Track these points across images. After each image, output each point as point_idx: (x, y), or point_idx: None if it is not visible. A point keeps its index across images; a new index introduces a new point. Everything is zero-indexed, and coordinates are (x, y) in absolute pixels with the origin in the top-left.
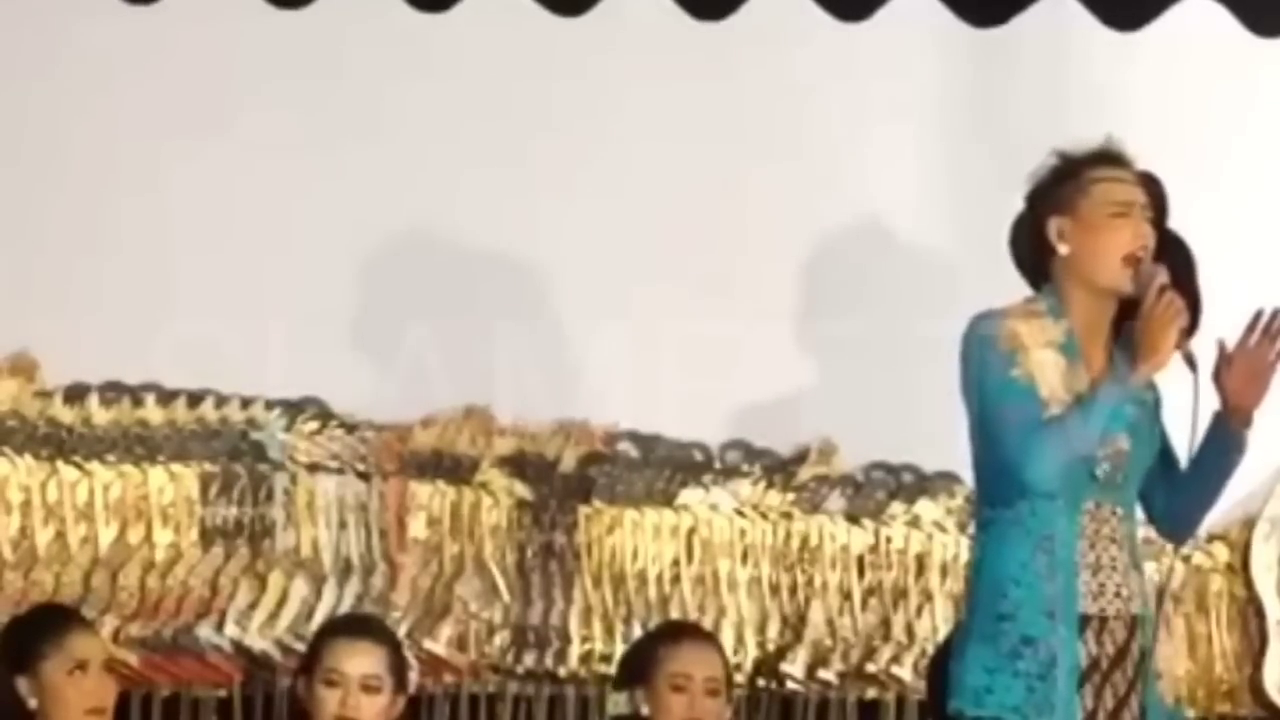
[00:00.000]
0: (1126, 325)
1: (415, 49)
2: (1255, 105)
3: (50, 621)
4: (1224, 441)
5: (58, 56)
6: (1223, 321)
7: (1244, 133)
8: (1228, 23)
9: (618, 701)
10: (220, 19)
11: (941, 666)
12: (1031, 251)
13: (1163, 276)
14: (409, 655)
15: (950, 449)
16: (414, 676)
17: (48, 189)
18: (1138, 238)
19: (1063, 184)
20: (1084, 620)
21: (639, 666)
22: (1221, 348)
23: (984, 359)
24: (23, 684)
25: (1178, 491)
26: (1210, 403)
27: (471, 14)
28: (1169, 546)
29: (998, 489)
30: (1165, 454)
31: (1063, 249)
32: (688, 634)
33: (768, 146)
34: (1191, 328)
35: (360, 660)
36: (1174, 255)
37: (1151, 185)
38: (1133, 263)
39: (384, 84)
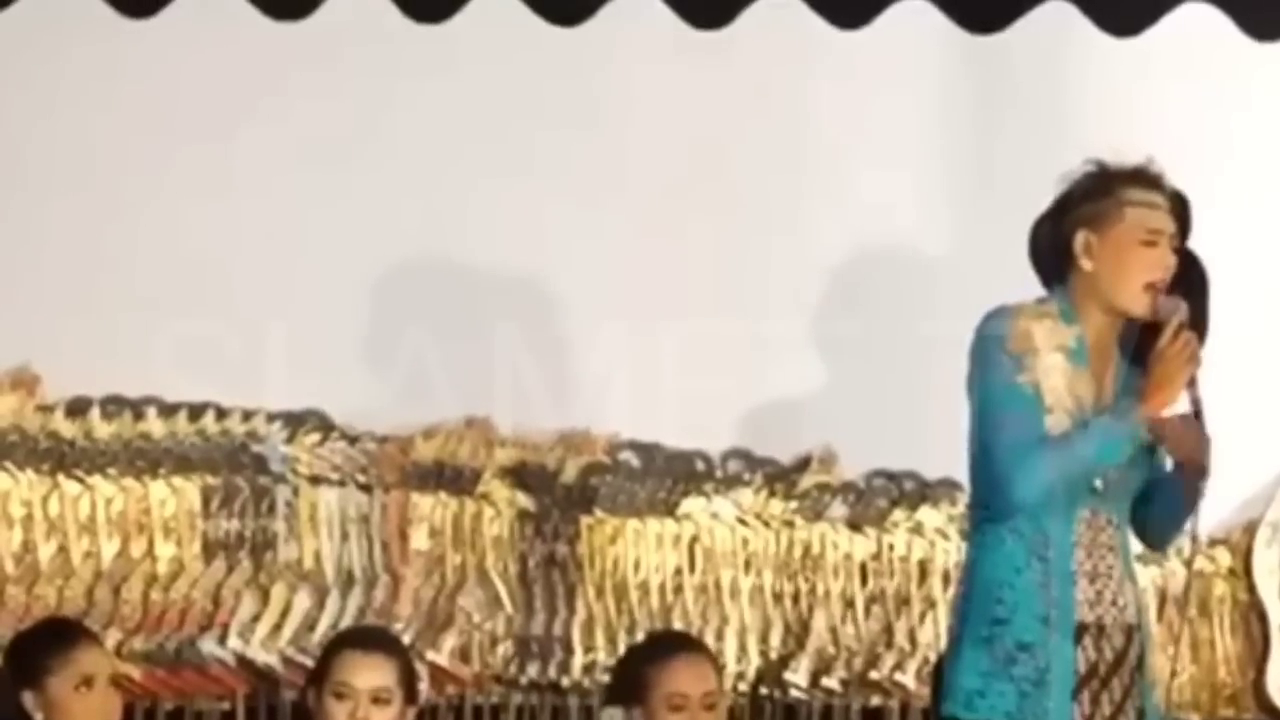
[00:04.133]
0: (1126, 326)
1: (413, 60)
2: (1253, 109)
3: (57, 636)
4: (1182, 485)
5: (56, 72)
6: (1221, 325)
7: (1242, 137)
8: (1225, 27)
9: (613, 716)
10: (220, 32)
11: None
12: (1052, 254)
13: (1182, 314)
14: (419, 667)
15: (952, 456)
16: (424, 688)
17: (48, 204)
18: (1161, 267)
19: (1097, 199)
20: (1082, 628)
21: (633, 685)
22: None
23: (993, 358)
24: (29, 698)
25: (1153, 504)
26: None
27: (469, 24)
28: (1172, 553)
29: (989, 496)
30: (1157, 464)
31: (1086, 264)
32: (680, 649)
33: (768, 153)
34: (1200, 338)
35: (371, 673)
36: (1189, 273)
37: (1180, 207)
38: (1151, 290)
39: (382, 96)
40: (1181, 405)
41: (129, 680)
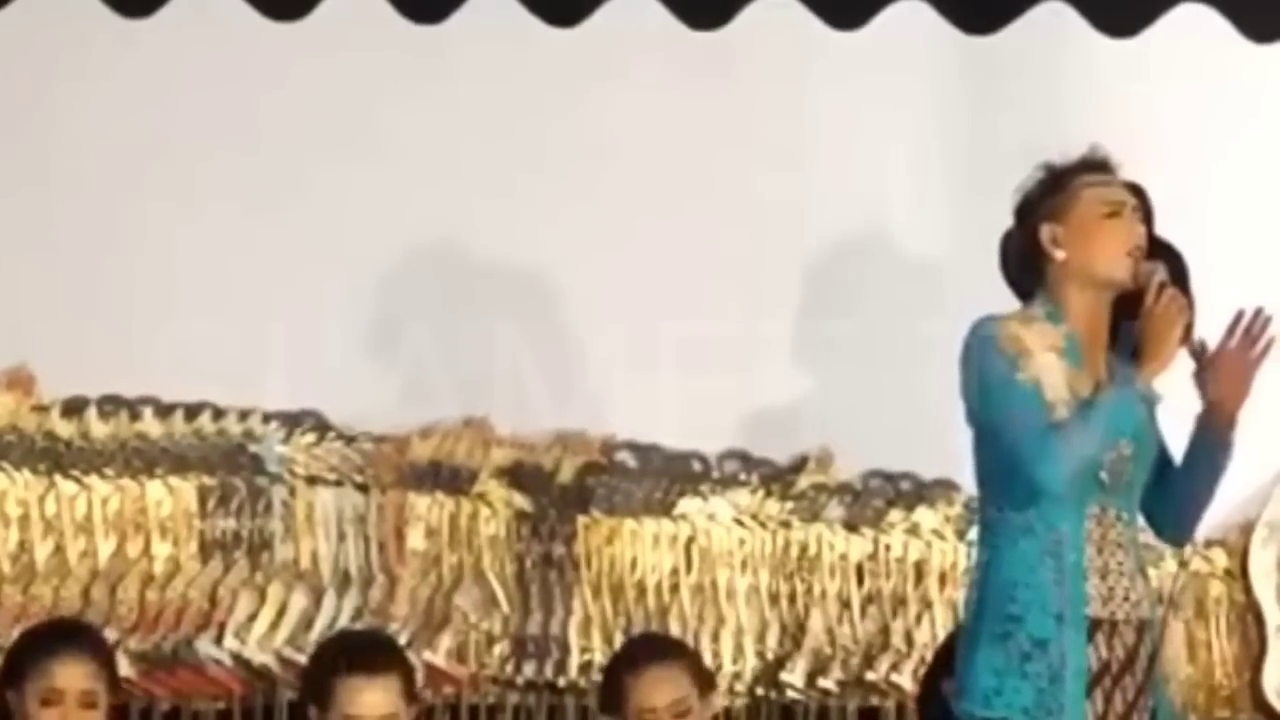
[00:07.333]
0: (1125, 325)
1: (411, 60)
2: (1251, 110)
3: (44, 642)
4: (1210, 443)
5: (54, 72)
6: (1220, 325)
7: (1240, 138)
8: (1222, 28)
9: None
10: (217, 32)
11: (934, 675)
12: (1024, 263)
13: (1162, 274)
14: (411, 659)
15: (948, 456)
16: (419, 677)
17: (45, 204)
18: (1132, 235)
19: (1052, 194)
20: (1094, 624)
21: (615, 694)
22: (1203, 349)
23: (988, 362)
24: (12, 698)
25: (1173, 493)
26: None
27: (466, 24)
28: (1168, 553)
29: (1006, 492)
30: (1161, 455)
31: (1058, 254)
32: (649, 658)
33: (764, 154)
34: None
35: (379, 698)
36: (1168, 263)
37: (1137, 193)
38: (1130, 257)
39: (379, 96)
40: (1182, 361)
41: (127, 681)
